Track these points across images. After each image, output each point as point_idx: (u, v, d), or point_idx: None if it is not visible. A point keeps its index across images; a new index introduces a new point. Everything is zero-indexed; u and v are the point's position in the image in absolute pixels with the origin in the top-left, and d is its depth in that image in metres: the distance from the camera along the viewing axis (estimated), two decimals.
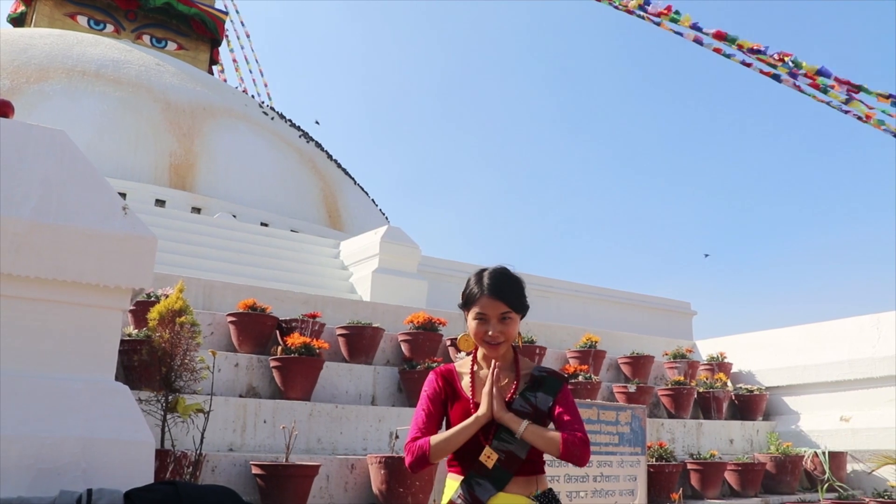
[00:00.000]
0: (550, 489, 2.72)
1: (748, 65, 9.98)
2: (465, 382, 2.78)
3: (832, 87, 9.48)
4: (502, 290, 2.69)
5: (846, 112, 9.62)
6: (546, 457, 2.75)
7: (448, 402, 2.75)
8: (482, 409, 2.60)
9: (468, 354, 2.85)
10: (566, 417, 2.68)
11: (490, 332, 2.68)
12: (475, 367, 2.81)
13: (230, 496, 3.40)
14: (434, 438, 2.63)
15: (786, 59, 9.42)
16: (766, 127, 38.51)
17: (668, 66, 42.46)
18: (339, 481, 5.71)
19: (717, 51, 10.26)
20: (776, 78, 9.76)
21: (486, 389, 2.64)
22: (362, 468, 5.80)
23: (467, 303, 2.76)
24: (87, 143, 12.74)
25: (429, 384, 2.82)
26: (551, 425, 2.70)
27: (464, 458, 2.69)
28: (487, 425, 2.65)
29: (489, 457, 2.61)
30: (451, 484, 2.70)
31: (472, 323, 2.73)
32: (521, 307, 2.73)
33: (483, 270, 2.76)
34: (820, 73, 9.36)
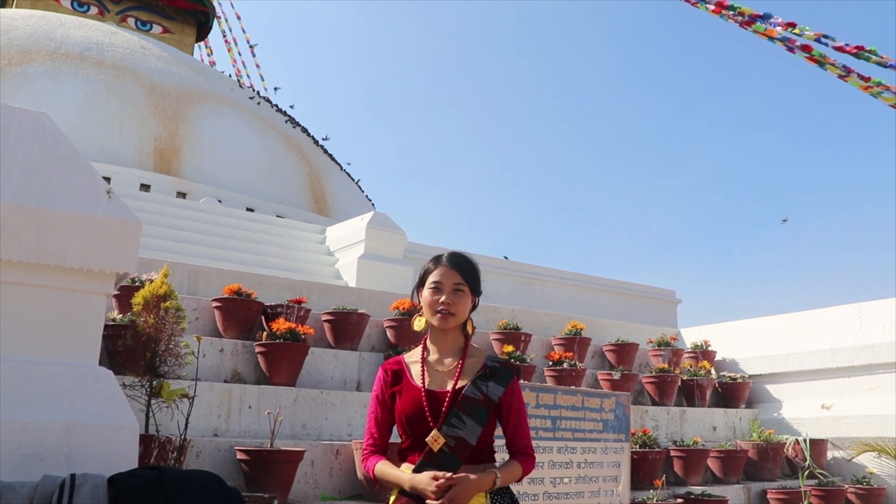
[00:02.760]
0: (508, 489, 2.77)
1: (747, 24, 9.83)
2: (416, 370, 2.81)
3: (831, 61, 9.41)
4: (458, 263, 2.84)
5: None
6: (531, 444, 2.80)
7: (397, 396, 2.79)
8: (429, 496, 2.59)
9: (422, 335, 2.91)
10: (513, 426, 2.77)
11: (443, 299, 2.76)
12: (425, 354, 2.86)
13: (215, 481, 3.39)
14: (379, 468, 2.74)
15: (789, 28, 9.35)
16: (754, 115, 38.67)
17: (656, 52, 42.52)
18: (324, 467, 5.72)
19: (715, 12, 10.14)
20: (787, 43, 9.60)
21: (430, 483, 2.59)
22: (347, 454, 5.81)
23: (423, 279, 2.87)
24: (70, 126, 12.60)
25: (376, 383, 2.89)
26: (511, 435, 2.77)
27: (415, 446, 2.73)
28: (438, 406, 2.70)
29: (436, 440, 2.65)
30: (406, 472, 2.72)
31: (426, 294, 2.82)
32: (475, 285, 2.84)
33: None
34: (824, 38, 9.26)
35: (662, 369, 9.21)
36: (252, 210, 13.59)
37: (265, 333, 6.62)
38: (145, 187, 13.03)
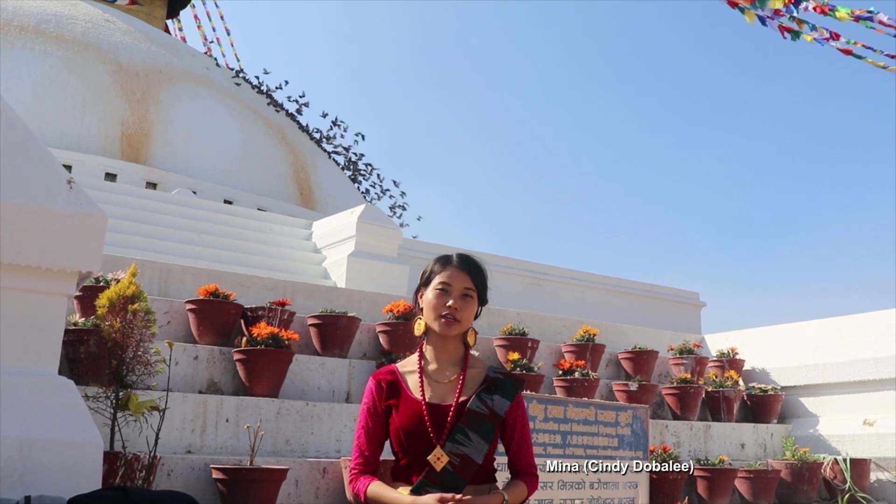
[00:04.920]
0: None
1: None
2: (413, 381, 2.81)
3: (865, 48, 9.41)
4: (469, 266, 2.84)
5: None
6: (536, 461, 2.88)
7: (392, 410, 2.79)
8: None
9: (419, 341, 2.91)
10: (517, 443, 2.82)
11: (450, 303, 2.76)
12: (423, 363, 2.86)
13: (188, 503, 3.39)
14: (372, 490, 2.72)
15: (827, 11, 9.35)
16: (788, 107, 38.67)
17: (679, 43, 42.49)
18: (310, 486, 5.71)
19: (731, 4, 10.18)
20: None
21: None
22: (335, 472, 5.80)
23: (428, 280, 2.85)
24: (25, 108, 12.55)
25: (367, 394, 2.87)
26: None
27: (412, 464, 2.73)
28: (441, 421, 2.70)
29: (439, 458, 2.65)
30: (403, 493, 2.71)
31: (430, 296, 2.80)
32: (483, 291, 2.86)
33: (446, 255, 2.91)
34: (864, 17, 9.25)
35: (684, 380, 9.20)
36: (230, 202, 13.57)
37: (245, 339, 6.61)
38: (111, 177, 13.00)
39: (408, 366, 2.88)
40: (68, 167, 11.91)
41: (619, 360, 9.75)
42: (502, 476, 2.82)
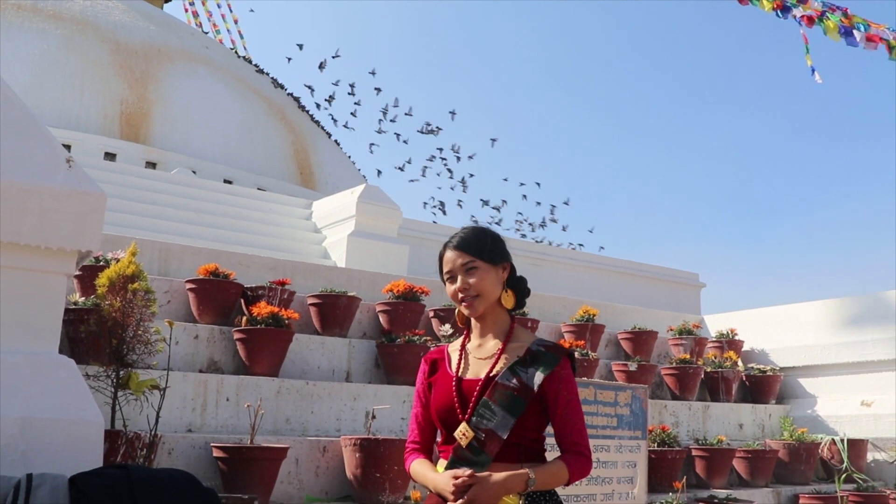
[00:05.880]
0: (552, 495, 2.65)
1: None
2: (454, 359, 2.80)
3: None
4: (462, 240, 2.75)
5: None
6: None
7: (432, 387, 2.78)
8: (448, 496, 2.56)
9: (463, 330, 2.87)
10: (561, 418, 2.65)
11: (458, 286, 2.71)
12: (467, 341, 2.83)
13: (188, 481, 3.40)
14: (413, 468, 2.75)
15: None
16: (788, 87, 38.50)
17: (683, 25, 42.23)
18: (310, 465, 5.73)
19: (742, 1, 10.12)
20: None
21: (448, 481, 2.56)
22: (335, 451, 5.82)
23: (440, 269, 2.81)
24: (23, 86, 12.51)
25: (418, 375, 2.88)
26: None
27: (449, 440, 2.70)
28: (467, 399, 2.66)
29: (464, 434, 2.61)
30: (439, 471, 2.69)
31: (447, 288, 2.78)
32: (488, 255, 2.73)
33: None
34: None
35: (684, 360, 9.22)
36: (230, 182, 13.56)
37: (245, 318, 6.62)
38: (110, 156, 12.99)
39: (456, 344, 2.86)
40: (67, 146, 11.89)
41: (618, 340, 9.77)
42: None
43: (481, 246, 2.74)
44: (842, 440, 8.74)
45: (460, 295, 2.71)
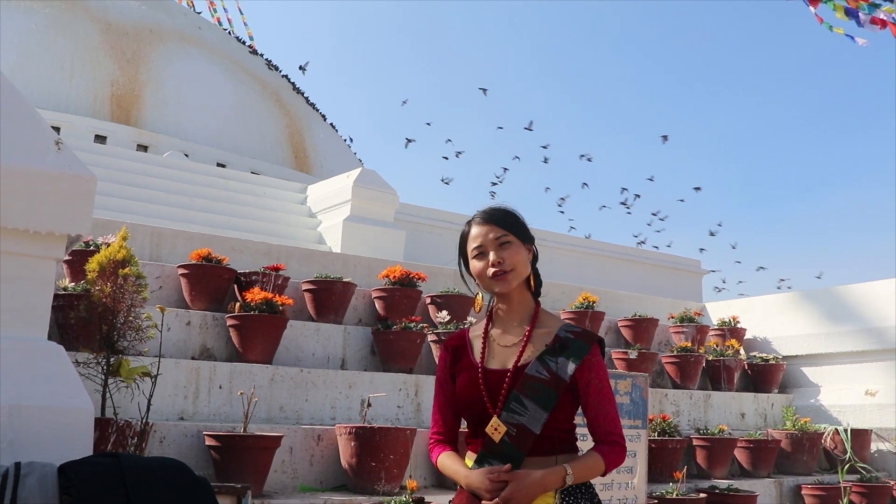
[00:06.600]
0: (587, 487, 2.62)
1: None
2: (477, 346, 2.70)
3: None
4: (493, 215, 2.68)
5: None
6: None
7: (456, 377, 2.70)
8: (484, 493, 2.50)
9: (487, 314, 2.78)
10: (594, 407, 2.62)
11: (491, 260, 2.62)
12: (489, 326, 2.73)
13: (180, 470, 3.39)
14: (441, 461, 2.67)
15: None
16: (796, 75, 38.42)
17: (678, 6, 42.09)
18: (304, 454, 5.74)
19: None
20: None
21: (482, 479, 2.51)
22: (330, 439, 5.82)
23: (463, 249, 2.72)
24: (10, 67, 12.46)
25: (438, 362, 2.80)
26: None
27: (477, 433, 2.63)
28: (497, 389, 2.58)
29: (496, 429, 2.53)
30: (468, 465, 2.65)
31: (473, 265, 2.67)
32: (521, 232, 2.68)
33: None
34: None
35: (685, 348, 9.23)
36: (223, 165, 13.53)
37: (238, 304, 6.61)
38: (101, 139, 12.94)
39: (477, 330, 2.76)
40: (56, 129, 11.83)
41: (618, 327, 9.77)
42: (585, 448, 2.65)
43: (515, 221, 2.70)
44: (845, 430, 8.75)
45: (492, 270, 2.61)
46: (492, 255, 2.62)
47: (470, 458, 2.65)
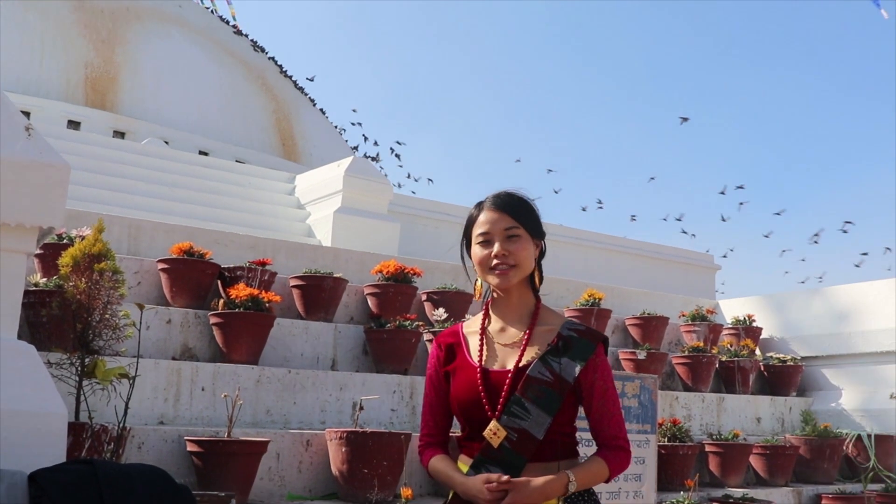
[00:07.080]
0: (590, 494, 2.64)
1: None
2: (474, 344, 2.69)
3: None
4: (506, 203, 2.65)
5: None
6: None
7: (450, 376, 2.69)
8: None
9: (482, 307, 2.78)
10: (598, 410, 2.62)
11: (495, 251, 2.61)
12: (486, 322, 2.73)
13: (160, 477, 3.39)
14: (433, 465, 2.68)
15: None
16: (821, 48, 38.41)
17: None
18: (292, 460, 5.74)
19: None
20: None
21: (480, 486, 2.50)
22: (319, 445, 5.83)
23: (468, 232, 2.71)
24: None
25: (429, 359, 2.79)
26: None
27: (474, 436, 2.63)
28: (497, 391, 2.57)
29: (495, 433, 2.52)
30: (462, 469, 2.64)
31: (475, 251, 2.66)
32: (532, 225, 2.66)
33: None
34: None
35: (697, 348, 9.24)
36: (206, 154, 13.53)
37: (222, 301, 6.61)
38: (74, 124, 12.92)
39: (472, 325, 2.75)
40: (26, 114, 11.82)
41: (626, 326, 9.78)
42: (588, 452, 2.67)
43: (527, 212, 2.68)
44: (868, 436, 8.76)
45: (495, 261, 2.61)
46: (497, 246, 2.61)
47: (463, 461, 2.65)
